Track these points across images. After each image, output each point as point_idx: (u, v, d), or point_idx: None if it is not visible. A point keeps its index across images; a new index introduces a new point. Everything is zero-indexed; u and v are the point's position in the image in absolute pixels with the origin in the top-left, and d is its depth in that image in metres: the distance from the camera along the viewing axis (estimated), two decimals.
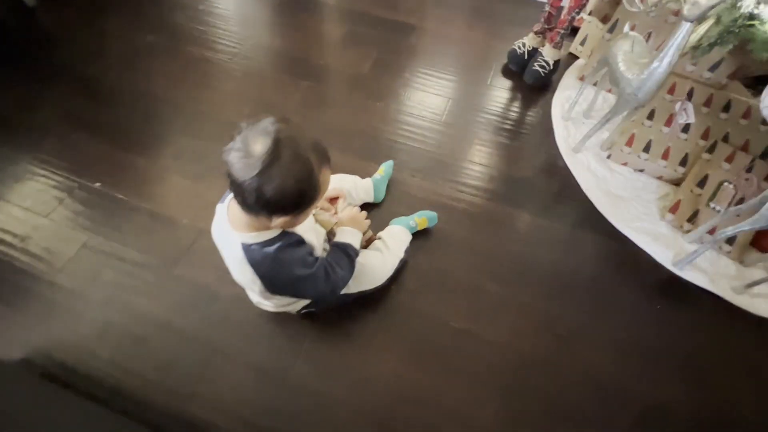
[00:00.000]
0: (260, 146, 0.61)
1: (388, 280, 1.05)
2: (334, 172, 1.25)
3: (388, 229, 1.13)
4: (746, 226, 1.00)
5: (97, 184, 1.28)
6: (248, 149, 0.62)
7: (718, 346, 1.06)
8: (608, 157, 1.42)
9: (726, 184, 1.25)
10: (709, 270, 1.19)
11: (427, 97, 1.61)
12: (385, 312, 1.08)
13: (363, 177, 1.27)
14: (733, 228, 1.03)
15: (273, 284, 0.79)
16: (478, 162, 1.43)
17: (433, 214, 1.21)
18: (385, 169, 1.29)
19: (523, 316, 1.10)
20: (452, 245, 1.21)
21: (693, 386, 1.00)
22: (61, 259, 1.13)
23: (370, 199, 1.25)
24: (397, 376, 1.00)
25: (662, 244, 1.23)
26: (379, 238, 1.08)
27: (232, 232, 0.75)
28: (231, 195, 0.77)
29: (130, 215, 1.23)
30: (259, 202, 0.64)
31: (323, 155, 0.69)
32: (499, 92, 1.66)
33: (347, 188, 1.19)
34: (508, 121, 1.56)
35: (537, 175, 1.41)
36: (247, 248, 0.74)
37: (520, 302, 1.12)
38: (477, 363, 1.02)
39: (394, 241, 1.08)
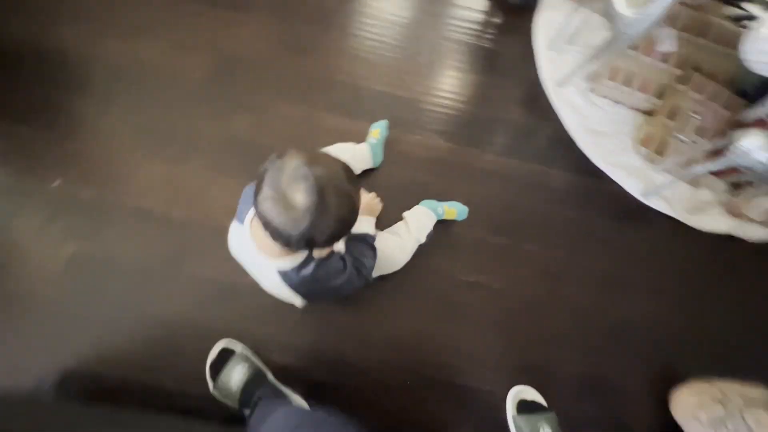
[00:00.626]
0: (302, 196, 0.58)
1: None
2: (325, 137, 1.19)
3: (414, 209, 1.14)
4: (713, 167, 1.13)
5: (57, 183, 1.12)
6: (287, 200, 0.58)
7: (676, 264, 1.28)
8: (591, 90, 1.44)
9: (692, 114, 1.35)
10: (669, 196, 1.36)
11: (408, 32, 1.45)
12: (401, 275, 1.16)
13: (356, 141, 1.21)
14: (702, 167, 1.16)
15: (314, 297, 0.82)
16: (471, 111, 1.39)
17: (465, 208, 1.21)
18: (380, 131, 1.23)
19: (522, 262, 1.23)
20: (449, 198, 1.25)
21: (653, 300, 1.24)
22: (51, 278, 1.05)
23: (369, 165, 1.22)
24: (418, 331, 1.13)
25: (635, 176, 1.36)
26: (402, 219, 1.09)
27: (263, 259, 0.74)
28: (250, 217, 0.74)
29: (112, 215, 1.12)
30: (308, 246, 0.64)
31: (354, 177, 0.67)
32: (475, 15, 1.53)
33: (346, 160, 1.14)
34: (490, 54, 1.48)
35: (526, 116, 1.41)
36: (283, 274, 0.75)
37: (518, 249, 1.24)
38: (486, 310, 1.17)
39: (417, 224, 1.10)
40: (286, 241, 0.63)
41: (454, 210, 1.19)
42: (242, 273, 0.87)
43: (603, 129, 1.41)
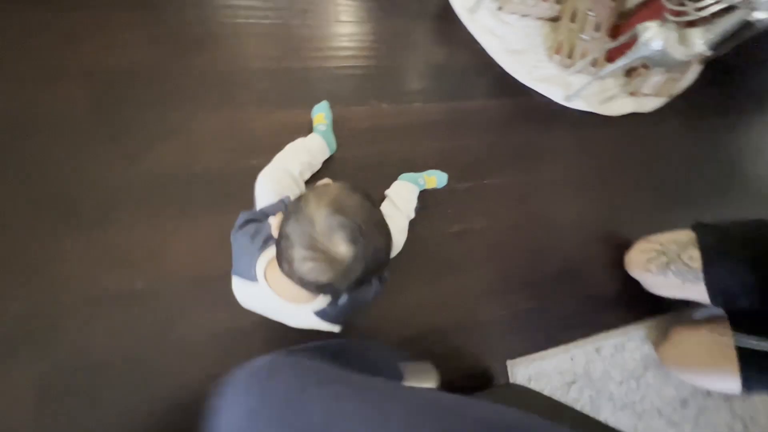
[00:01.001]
0: (345, 246, 0.54)
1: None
2: (266, 139, 1.08)
3: (395, 185, 1.11)
4: (622, 62, 1.26)
5: None
6: (331, 255, 0.54)
7: (604, 151, 1.49)
8: (499, 9, 1.45)
9: (588, 12, 1.46)
10: (585, 94, 1.52)
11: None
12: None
13: (300, 132, 1.11)
14: (613, 65, 1.29)
15: (351, 316, 0.81)
16: (395, 63, 1.33)
17: (444, 174, 1.20)
18: (324, 114, 1.13)
19: (491, 196, 1.32)
20: (414, 162, 1.26)
21: (595, 191, 1.45)
22: (25, 418, 0.86)
23: (327, 155, 1.13)
24: (425, 298, 1.18)
25: (555, 84, 1.48)
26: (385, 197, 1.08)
27: (294, 306, 0.71)
28: (262, 270, 0.68)
29: (59, 318, 0.91)
30: (357, 287, 0.61)
31: (374, 198, 0.64)
32: None
33: (306, 161, 1.05)
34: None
35: (448, 53, 1.40)
36: (321, 313, 0.73)
37: (483, 186, 1.32)
38: (477, 252, 1.26)
39: (402, 201, 1.08)
40: (335, 292, 0.60)
41: (434, 178, 1.20)
42: (241, 313, 0.80)
43: (518, 46, 1.47)
